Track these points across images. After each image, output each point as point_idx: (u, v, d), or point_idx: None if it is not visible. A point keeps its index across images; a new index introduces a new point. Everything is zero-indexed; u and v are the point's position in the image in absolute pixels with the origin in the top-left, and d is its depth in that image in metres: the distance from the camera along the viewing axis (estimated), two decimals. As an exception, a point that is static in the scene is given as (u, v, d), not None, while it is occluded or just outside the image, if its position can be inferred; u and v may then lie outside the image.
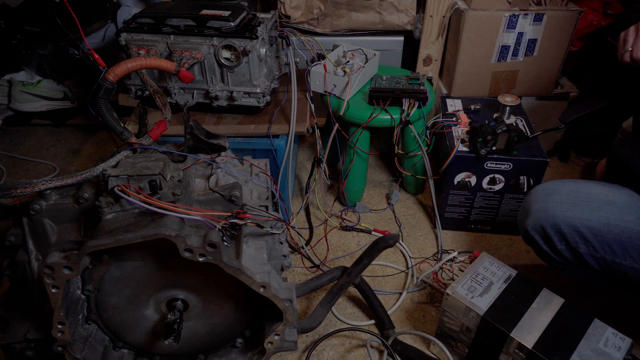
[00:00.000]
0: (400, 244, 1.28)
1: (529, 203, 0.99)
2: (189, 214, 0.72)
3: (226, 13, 1.11)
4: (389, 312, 1.07)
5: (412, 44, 1.55)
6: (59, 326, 0.73)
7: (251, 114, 1.22)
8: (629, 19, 1.53)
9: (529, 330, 0.83)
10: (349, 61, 1.27)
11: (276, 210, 0.94)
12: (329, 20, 1.56)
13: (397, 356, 0.96)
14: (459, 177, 1.21)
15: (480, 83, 1.44)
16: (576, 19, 1.35)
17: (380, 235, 1.16)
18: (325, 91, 1.24)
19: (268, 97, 1.20)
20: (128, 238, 0.67)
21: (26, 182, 0.74)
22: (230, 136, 1.16)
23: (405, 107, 1.21)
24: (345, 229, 1.34)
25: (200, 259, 0.69)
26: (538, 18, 1.33)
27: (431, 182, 1.28)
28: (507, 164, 1.17)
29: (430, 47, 1.49)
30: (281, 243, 0.93)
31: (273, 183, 0.94)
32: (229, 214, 0.77)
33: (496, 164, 1.17)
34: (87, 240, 0.68)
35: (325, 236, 1.31)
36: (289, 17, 1.53)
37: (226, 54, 1.11)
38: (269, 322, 0.83)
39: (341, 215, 1.38)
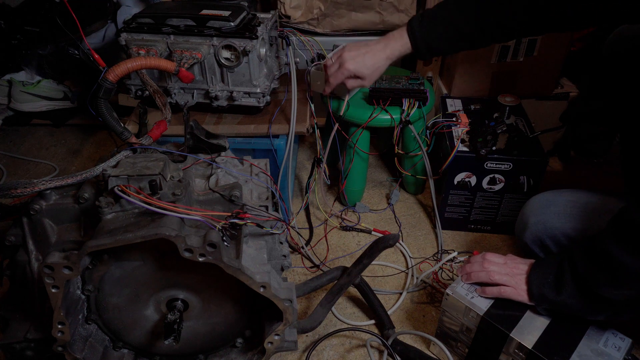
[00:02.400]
0: (400, 244, 1.28)
1: (527, 215, 1.00)
2: (189, 214, 0.72)
3: (226, 13, 1.11)
4: (389, 312, 1.07)
5: (412, 44, 1.55)
6: (59, 326, 0.73)
7: (251, 114, 1.21)
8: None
9: (529, 330, 0.83)
10: (349, 61, 1.27)
11: (276, 210, 0.94)
12: (329, 20, 1.56)
13: (397, 356, 0.96)
14: (459, 177, 1.21)
15: (480, 83, 1.44)
16: (576, 19, 1.34)
17: (380, 235, 1.16)
18: (326, 91, 1.24)
19: (268, 97, 1.20)
20: (128, 238, 0.67)
21: (26, 182, 0.74)
22: (230, 136, 1.15)
23: (405, 107, 1.21)
24: (345, 229, 1.34)
25: (200, 259, 0.69)
26: (538, 18, 1.33)
27: (431, 182, 1.28)
28: (507, 164, 1.17)
29: (430, 47, 1.49)
30: (281, 243, 0.93)
31: (273, 183, 0.94)
32: (229, 214, 0.77)
33: (496, 164, 1.17)
34: (87, 240, 0.68)
35: (325, 236, 1.31)
36: (289, 17, 1.53)
37: (226, 54, 1.11)
38: (269, 322, 0.83)
39: (341, 215, 1.38)
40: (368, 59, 1.05)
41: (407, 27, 1.03)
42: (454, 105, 1.36)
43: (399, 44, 1.04)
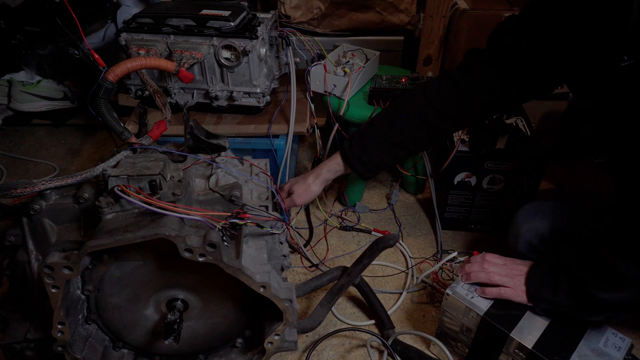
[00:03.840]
0: (400, 244, 1.28)
1: (518, 224, 1.01)
2: (189, 214, 0.72)
3: (226, 13, 1.11)
4: (389, 312, 1.07)
5: (412, 44, 1.55)
6: (59, 326, 0.73)
7: (251, 114, 1.22)
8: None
9: (529, 330, 0.83)
10: (349, 61, 1.27)
11: (276, 210, 0.94)
12: (329, 20, 1.56)
13: (397, 356, 0.96)
14: (459, 177, 1.21)
15: (480, 83, 1.44)
16: (576, 19, 1.34)
17: (380, 235, 1.16)
18: (325, 91, 1.24)
19: (268, 97, 1.20)
20: (128, 238, 0.67)
21: (26, 182, 0.74)
22: (230, 136, 1.16)
23: (405, 107, 1.21)
24: (345, 229, 1.34)
25: (200, 259, 0.69)
26: (538, 18, 1.33)
27: (431, 182, 1.28)
28: (507, 164, 1.17)
29: (430, 47, 1.49)
30: (281, 243, 0.93)
31: (273, 183, 0.94)
32: (229, 214, 0.77)
33: (496, 164, 1.17)
34: (87, 240, 0.68)
35: (325, 236, 1.31)
36: (289, 17, 1.53)
37: (226, 54, 1.11)
38: (269, 322, 0.83)
39: (341, 215, 1.38)
40: (300, 178, 1.12)
41: (340, 148, 1.09)
42: (454, 105, 1.36)
43: (331, 163, 1.10)
